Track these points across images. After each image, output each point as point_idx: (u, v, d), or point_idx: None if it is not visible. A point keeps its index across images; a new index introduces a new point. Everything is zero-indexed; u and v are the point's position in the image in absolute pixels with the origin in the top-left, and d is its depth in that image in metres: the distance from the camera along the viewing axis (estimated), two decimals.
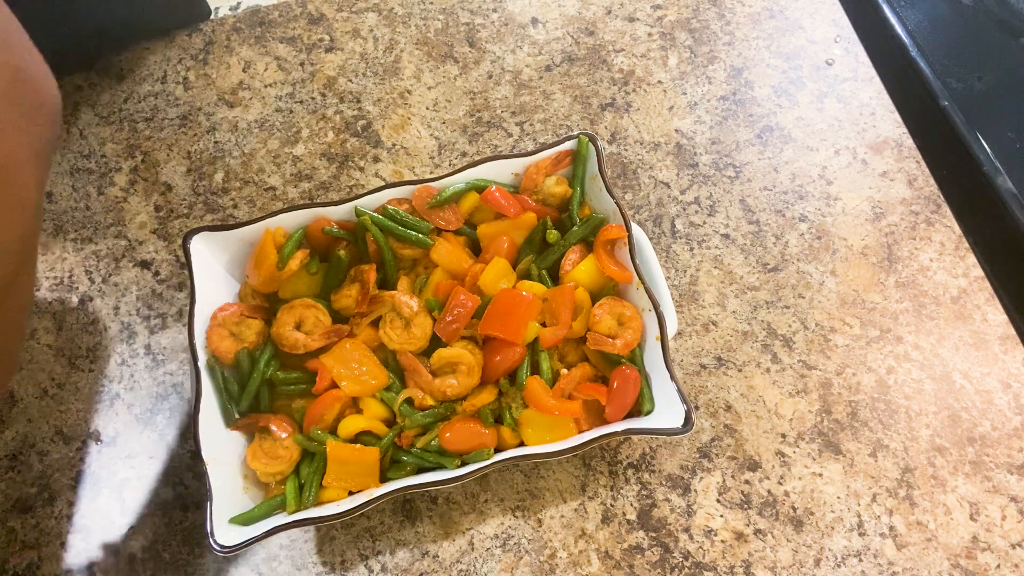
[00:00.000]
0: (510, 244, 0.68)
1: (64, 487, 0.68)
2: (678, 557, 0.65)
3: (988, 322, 0.74)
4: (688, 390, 0.71)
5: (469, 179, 0.68)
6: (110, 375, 0.73)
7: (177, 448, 0.70)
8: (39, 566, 0.66)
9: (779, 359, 0.73)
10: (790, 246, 0.78)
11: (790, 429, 0.70)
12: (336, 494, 0.61)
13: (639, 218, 0.79)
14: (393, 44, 0.90)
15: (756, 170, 0.82)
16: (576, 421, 0.62)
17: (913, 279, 0.76)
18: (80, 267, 0.77)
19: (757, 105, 0.85)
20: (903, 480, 0.68)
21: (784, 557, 0.65)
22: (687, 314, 0.75)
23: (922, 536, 0.66)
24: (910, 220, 0.79)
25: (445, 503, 0.67)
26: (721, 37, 0.90)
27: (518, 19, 0.91)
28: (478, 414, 0.63)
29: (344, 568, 0.65)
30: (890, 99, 0.85)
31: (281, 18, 0.91)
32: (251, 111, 0.85)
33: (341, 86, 0.87)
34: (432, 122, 0.85)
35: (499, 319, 0.62)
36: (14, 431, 0.70)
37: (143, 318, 0.75)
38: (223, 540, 0.55)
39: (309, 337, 0.64)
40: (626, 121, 0.85)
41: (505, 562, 0.65)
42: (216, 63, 0.88)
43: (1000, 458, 0.68)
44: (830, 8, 0.91)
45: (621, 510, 0.67)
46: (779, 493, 0.67)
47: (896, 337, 0.73)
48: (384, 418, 0.64)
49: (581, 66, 0.88)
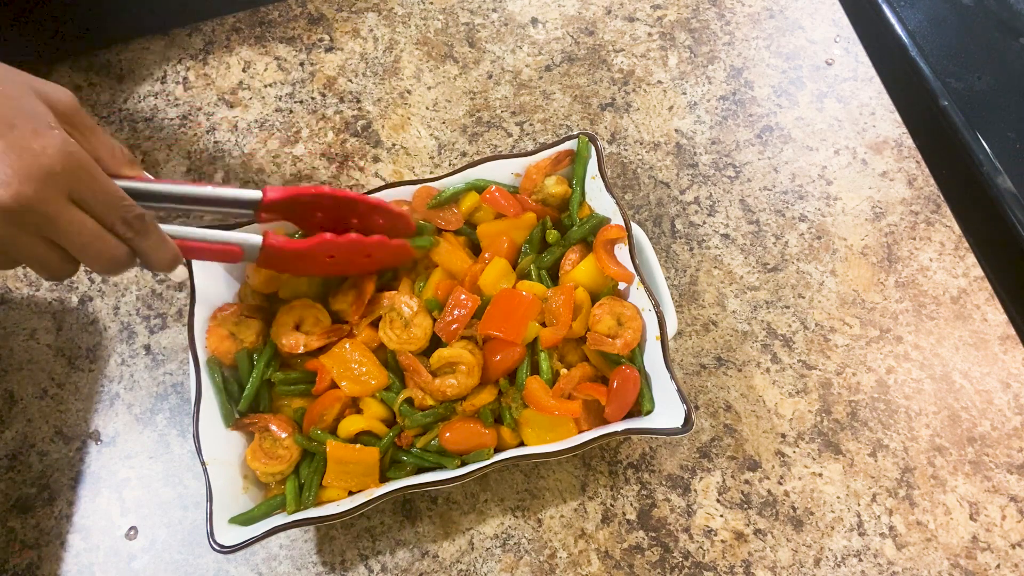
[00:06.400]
0: (510, 244, 0.68)
1: (64, 487, 0.68)
2: (678, 557, 0.65)
3: (988, 322, 0.74)
4: (688, 390, 0.71)
5: (469, 179, 0.69)
6: (110, 375, 0.73)
7: (177, 448, 0.70)
8: (39, 566, 0.66)
9: (779, 359, 0.73)
10: (790, 246, 0.78)
11: (790, 429, 0.70)
12: (336, 494, 0.61)
13: (639, 218, 0.79)
14: (393, 44, 0.90)
15: (756, 170, 0.82)
16: (576, 421, 0.62)
17: (913, 279, 0.76)
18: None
19: (757, 105, 0.85)
20: (903, 480, 0.68)
21: (784, 557, 0.65)
22: (687, 314, 0.75)
23: (922, 536, 0.66)
24: (910, 220, 0.79)
25: (445, 503, 0.67)
26: (721, 37, 0.90)
27: (518, 19, 0.91)
28: (478, 414, 0.63)
29: (344, 568, 0.65)
30: (890, 99, 0.85)
31: (281, 18, 0.91)
32: (251, 111, 0.85)
33: (341, 86, 0.87)
34: (432, 122, 0.85)
35: (499, 319, 0.62)
36: (14, 431, 0.70)
37: (143, 318, 0.75)
38: (223, 540, 0.55)
39: (309, 337, 0.64)
40: (626, 121, 0.85)
41: (505, 562, 0.65)
42: (216, 63, 0.88)
43: (1000, 458, 0.68)
44: (830, 8, 0.91)
45: (621, 510, 0.67)
46: (779, 493, 0.67)
47: (896, 337, 0.73)
48: (384, 418, 0.64)
49: (581, 66, 0.88)
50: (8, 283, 0.76)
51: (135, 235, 0.48)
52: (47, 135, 0.43)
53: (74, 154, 0.44)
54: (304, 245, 0.59)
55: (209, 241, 0.56)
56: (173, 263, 0.52)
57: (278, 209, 0.58)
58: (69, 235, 0.45)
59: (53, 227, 0.44)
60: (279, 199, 0.57)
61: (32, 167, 0.42)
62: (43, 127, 0.44)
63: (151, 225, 0.50)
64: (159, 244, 0.51)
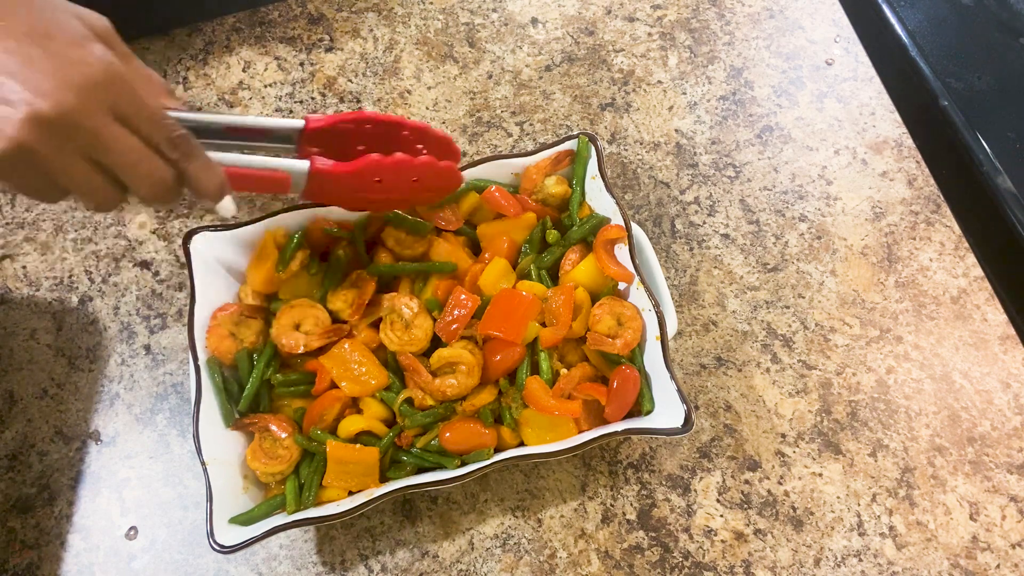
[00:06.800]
0: (510, 244, 0.68)
1: (64, 487, 0.68)
2: (678, 557, 0.65)
3: (988, 322, 0.74)
4: (688, 390, 0.71)
5: (469, 179, 0.68)
6: (110, 375, 0.73)
7: (177, 448, 0.70)
8: (39, 566, 0.66)
9: (779, 359, 0.73)
10: (790, 246, 0.78)
11: (790, 429, 0.70)
12: (336, 494, 0.61)
13: (639, 218, 0.79)
14: (393, 44, 0.90)
15: (756, 170, 0.82)
16: (576, 421, 0.62)
17: (913, 279, 0.76)
18: (80, 267, 0.77)
19: (757, 105, 0.85)
20: (903, 480, 0.68)
21: (784, 557, 0.65)
22: (687, 314, 0.75)
23: (922, 536, 0.66)
24: (910, 220, 0.79)
25: (445, 503, 0.67)
26: (721, 37, 0.90)
27: (518, 19, 0.91)
28: (478, 414, 0.63)
29: (344, 568, 0.65)
30: (890, 99, 0.85)
31: (281, 18, 0.91)
32: (251, 111, 0.85)
33: (341, 86, 0.87)
34: (432, 122, 0.85)
35: (499, 319, 0.62)
36: (14, 431, 0.70)
37: (143, 318, 0.75)
38: (223, 540, 0.55)
39: (309, 337, 0.64)
40: (626, 121, 0.85)
41: (505, 562, 0.65)
42: (216, 63, 0.88)
43: (1000, 458, 0.68)
44: (830, 8, 0.91)
45: (621, 510, 0.67)
46: (779, 493, 0.67)
47: (896, 337, 0.73)
48: (384, 418, 0.64)
49: (581, 66, 0.88)
50: (8, 283, 0.76)
51: (181, 156, 0.46)
52: (87, 46, 0.41)
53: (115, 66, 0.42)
54: (352, 167, 0.57)
55: (255, 168, 0.53)
56: (220, 189, 0.49)
57: (320, 140, 0.57)
58: (115, 153, 0.42)
59: (98, 143, 0.42)
60: (322, 127, 0.56)
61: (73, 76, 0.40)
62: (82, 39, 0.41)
63: (197, 147, 0.47)
64: (206, 167, 0.48)
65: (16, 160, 0.39)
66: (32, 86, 0.39)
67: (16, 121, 0.38)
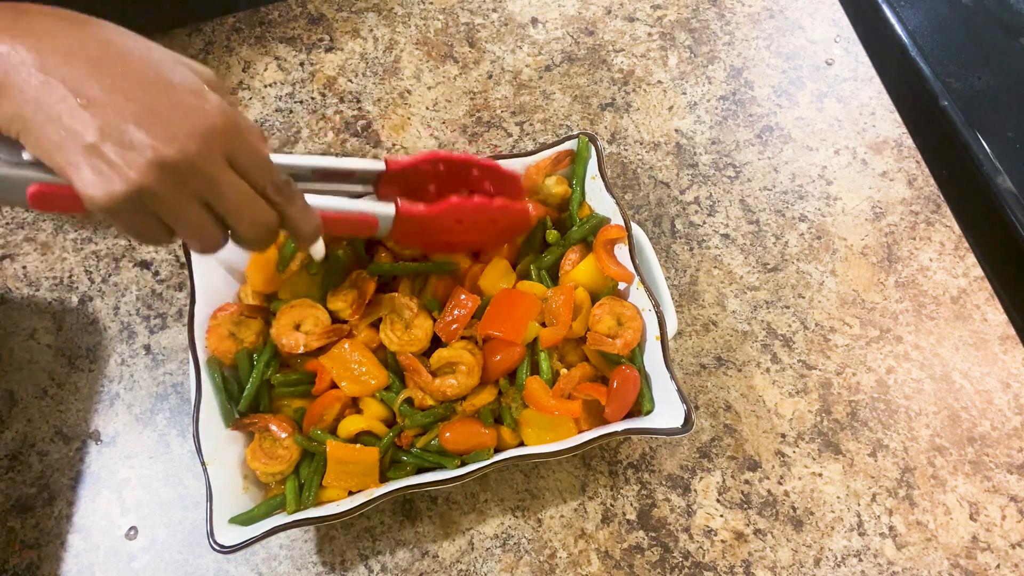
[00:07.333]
0: (510, 244, 0.68)
1: (64, 487, 0.68)
2: (678, 557, 0.65)
3: (988, 322, 0.74)
4: (688, 390, 0.71)
5: None
6: (110, 375, 0.73)
7: (177, 448, 0.70)
8: (39, 566, 0.66)
9: (779, 359, 0.73)
10: (790, 246, 0.78)
11: (790, 429, 0.70)
12: (336, 494, 0.61)
13: (639, 218, 0.79)
14: (393, 44, 0.90)
15: (756, 170, 0.82)
16: (576, 421, 0.62)
17: (913, 279, 0.76)
18: (80, 267, 0.77)
19: (757, 105, 0.85)
20: (903, 480, 0.68)
21: (784, 557, 0.65)
22: (687, 314, 0.75)
23: (922, 536, 0.66)
24: (910, 220, 0.79)
25: (445, 503, 0.67)
26: (721, 37, 0.90)
27: (518, 19, 0.91)
28: (478, 414, 0.63)
29: (344, 568, 0.65)
30: (890, 99, 0.85)
31: (281, 18, 0.91)
32: (251, 111, 0.85)
33: (341, 86, 0.87)
34: (432, 122, 0.85)
35: (499, 319, 0.62)
36: (14, 431, 0.70)
37: (143, 318, 0.75)
38: (223, 540, 0.55)
39: (309, 337, 0.64)
40: (626, 121, 0.85)
41: (505, 562, 0.65)
42: (216, 63, 0.88)
43: (1000, 458, 0.68)
44: (830, 8, 0.91)
45: (621, 510, 0.67)
46: (779, 493, 0.67)
47: (896, 337, 0.73)
48: (384, 418, 0.64)
49: (581, 66, 0.88)
50: (8, 283, 0.76)
51: (283, 200, 0.48)
52: (206, 95, 0.43)
53: (232, 114, 0.44)
54: (435, 210, 0.58)
55: (346, 211, 0.54)
56: (317, 232, 0.51)
57: (398, 181, 0.57)
58: (227, 197, 0.44)
59: (213, 188, 0.43)
60: (402, 168, 0.57)
61: (196, 124, 0.42)
62: (199, 88, 0.43)
63: (297, 192, 0.49)
64: (305, 211, 0.50)
65: (134, 201, 0.41)
66: (156, 132, 0.41)
67: (141, 164, 0.40)
